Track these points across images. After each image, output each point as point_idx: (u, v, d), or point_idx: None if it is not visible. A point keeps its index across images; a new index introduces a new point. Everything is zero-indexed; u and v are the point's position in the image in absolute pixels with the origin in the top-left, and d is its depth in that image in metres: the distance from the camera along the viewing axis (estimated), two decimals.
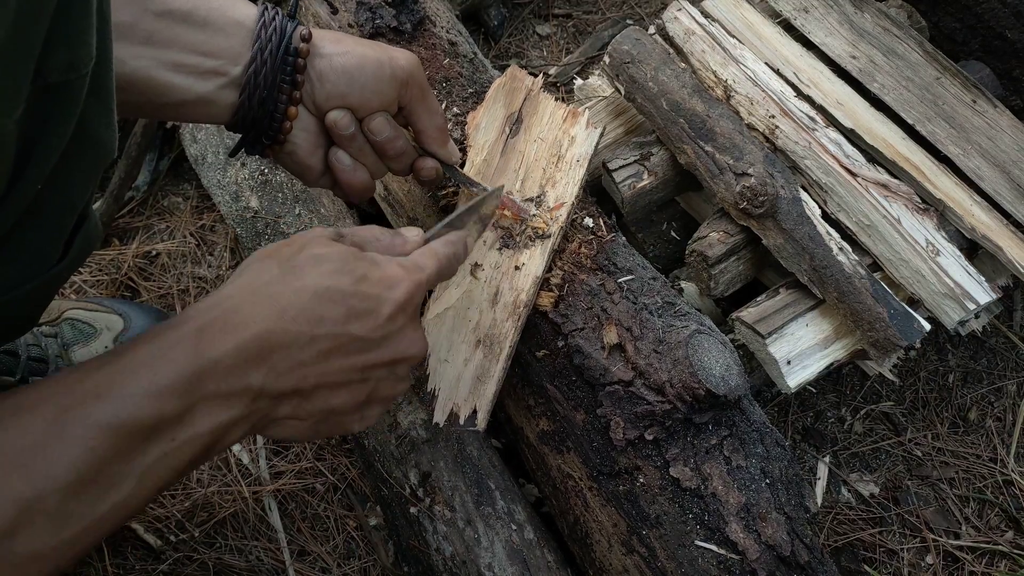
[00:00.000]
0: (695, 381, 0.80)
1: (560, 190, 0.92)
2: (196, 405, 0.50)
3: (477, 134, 0.98)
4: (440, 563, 0.94)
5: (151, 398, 0.48)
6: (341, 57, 0.73)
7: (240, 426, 0.53)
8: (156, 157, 1.42)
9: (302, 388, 0.56)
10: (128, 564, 1.05)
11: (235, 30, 0.69)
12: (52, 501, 0.44)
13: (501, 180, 0.94)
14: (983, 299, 1.00)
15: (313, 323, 0.55)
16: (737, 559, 0.80)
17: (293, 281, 0.56)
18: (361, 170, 0.78)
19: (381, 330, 0.59)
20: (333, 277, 0.57)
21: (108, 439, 0.46)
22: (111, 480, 0.47)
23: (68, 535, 0.45)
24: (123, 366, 0.49)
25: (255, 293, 0.55)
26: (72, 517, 0.45)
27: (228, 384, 0.51)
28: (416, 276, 0.62)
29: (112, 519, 0.48)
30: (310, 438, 0.62)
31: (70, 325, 1.09)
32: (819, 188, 1.06)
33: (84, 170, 0.53)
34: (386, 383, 0.63)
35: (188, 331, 0.52)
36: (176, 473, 0.50)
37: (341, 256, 0.59)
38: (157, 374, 0.49)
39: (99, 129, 0.52)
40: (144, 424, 0.48)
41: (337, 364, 0.57)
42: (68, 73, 0.45)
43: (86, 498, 0.46)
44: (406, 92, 0.76)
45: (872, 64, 1.18)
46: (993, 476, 1.19)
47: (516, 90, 1.00)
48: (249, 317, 0.53)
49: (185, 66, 0.67)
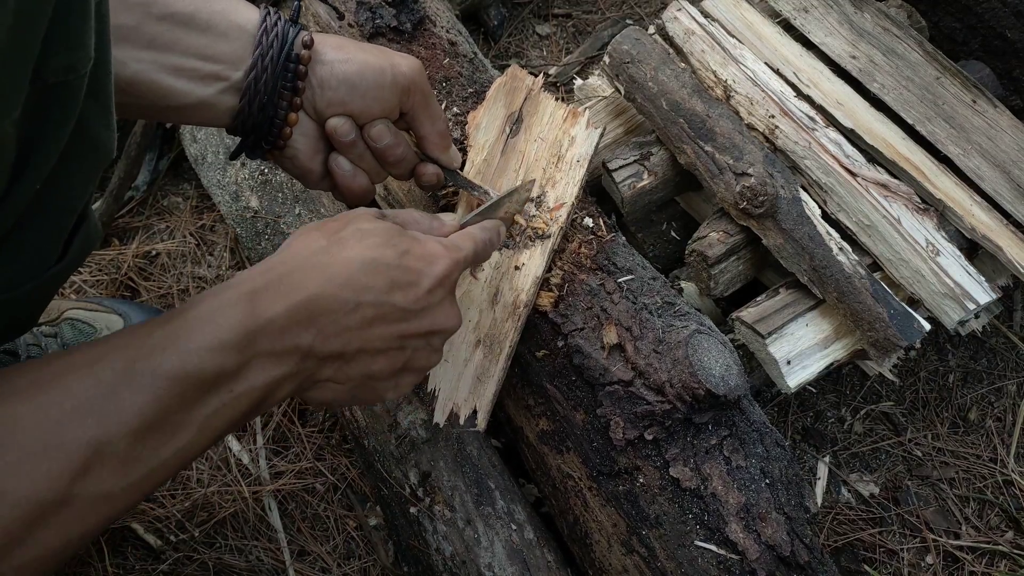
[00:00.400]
0: (695, 381, 0.80)
1: (560, 190, 0.92)
2: (252, 361, 0.53)
3: (477, 134, 0.98)
4: (440, 563, 0.94)
5: (212, 352, 0.51)
6: (343, 64, 0.73)
7: (289, 383, 0.57)
8: (156, 157, 1.42)
9: (346, 352, 0.59)
10: (128, 564, 1.05)
11: (237, 35, 0.69)
12: (122, 444, 0.47)
13: (502, 180, 0.94)
14: (983, 299, 1.00)
15: (359, 291, 0.59)
16: (737, 559, 0.80)
17: (340, 252, 0.60)
18: (361, 175, 0.79)
19: (421, 302, 0.62)
20: (378, 250, 0.61)
21: (173, 388, 0.49)
22: (175, 427, 0.50)
23: (135, 477, 0.48)
24: (186, 322, 0.52)
25: (304, 261, 0.59)
26: (139, 461, 0.48)
27: (281, 343, 0.55)
28: (455, 255, 0.66)
29: (173, 465, 0.51)
30: (347, 403, 0.65)
31: (70, 325, 1.09)
32: (819, 188, 1.06)
33: (83, 171, 0.54)
34: (421, 353, 0.66)
35: (243, 292, 0.55)
36: (231, 424, 0.54)
37: (386, 231, 0.63)
38: (217, 330, 0.52)
39: (98, 130, 0.52)
40: (206, 376, 0.51)
41: (378, 331, 0.61)
42: (67, 74, 0.46)
43: (152, 443, 0.49)
44: (408, 99, 0.76)
45: (872, 64, 1.18)
46: (993, 476, 1.19)
47: (516, 90, 1.00)
48: (300, 282, 0.57)
49: (186, 70, 0.67)
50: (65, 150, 0.49)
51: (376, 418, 1.05)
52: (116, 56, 0.63)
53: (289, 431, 1.17)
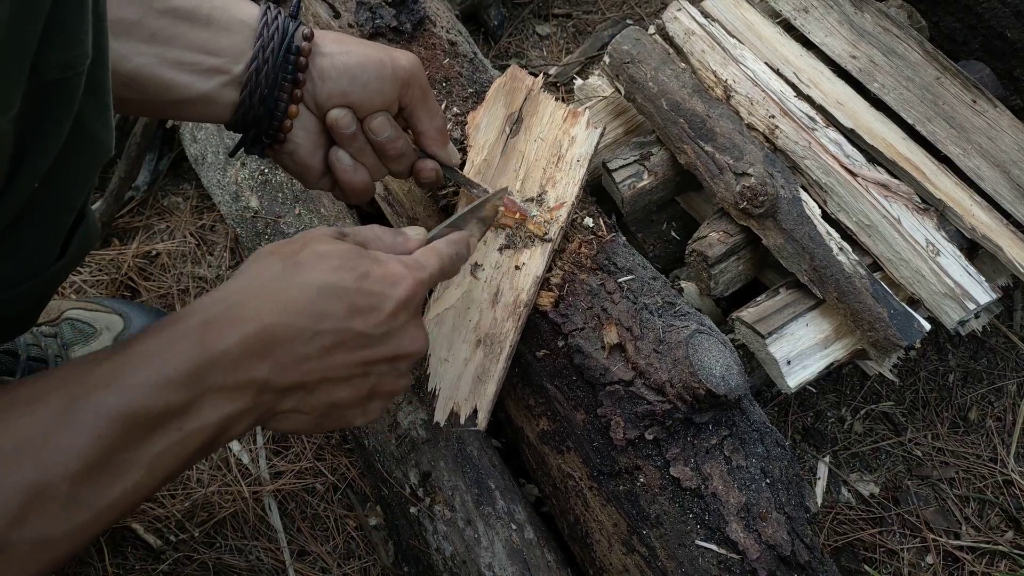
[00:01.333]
0: (695, 381, 0.80)
1: (560, 190, 0.92)
2: (203, 396, 0.51)
3: (477, 134, 0.98)
4: (440, 563, 0.94)
5: (158, 388, 0.49)
6: (343, 56, 0.73)
7: (246, 418, 0.54)
8: (156, 157, 1.42)
9: (306, 382, 0.57)
10: (128, 564, 1.05)
11: (238, 28, 0.69)
12: (62, 488, 0.45)
13: (501, 180, 0.94)
14: (983, 299, 1.00)
15: (316, 318, 0.56)
16: (737, 559, 0.80)
17: (296, 277, 0.57)
18: (361, 171, 0.79)
19: (383, 326, 0.60)
20: (336, 273, 0.58)
21: (116, 428, 0.47)
22: (120, 468, 0.48)
23: (78, 522, 0.46)
24: (130, 357, 0.50)
25: (259, 289, 0.56)
26: (82, 504, 0.46)
27: (234, 377, 0.52)
28: (418, 274, 0.63)
29: (121, 506, 0.49)
30: (313, 431, 0.63)
31: (70, 325, 1.09)
32: (819, 188, 1.06)
33: (82, 169, 0.53)
34: (388, 378, 0.64)
35: (193, 324, 0.53)
36: (184, 462, 0.51)
37: (344, 253, 0.60)
38: (164, 365, 0.50)
39: (96, 127, 0.52)
40: (152, 414, 0.49)
41: (340, 359, 0.58)
42: (64, 71, 0.46)
43: (95, 485, 0.47)
44: (407, 92, 0.76)
45: (872, 64, 1.18)
46: (993, 476, 1.19)
47: (516, 90, 1.00)
48: (253, 312, 0.54)
49: (187, 64, 0.67)
50: (63, 148, 0.49)
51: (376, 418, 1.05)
52: (118, 50, 0.63)
53: None
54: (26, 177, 0.47)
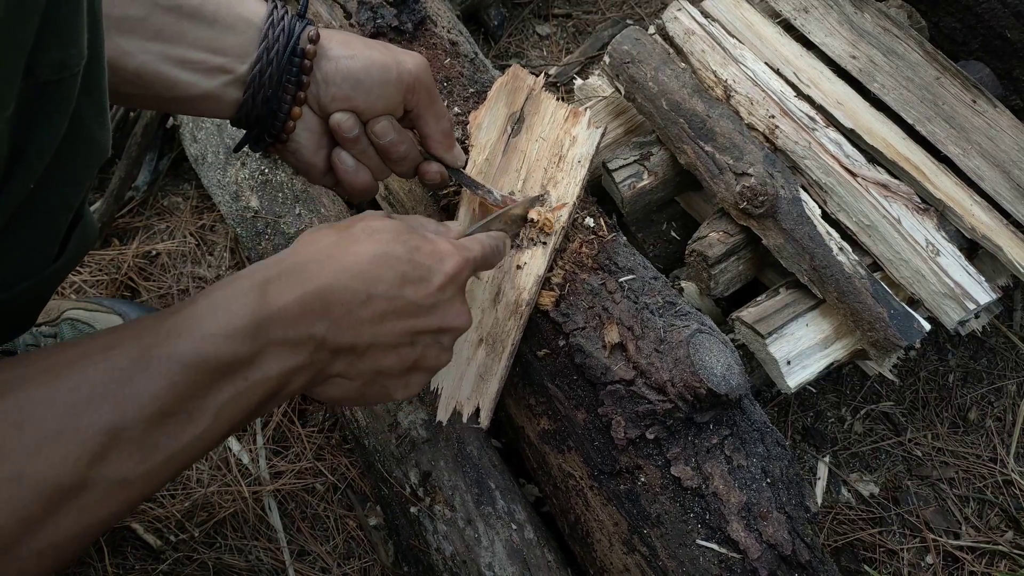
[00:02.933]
0: (696, 380, 0.80)
1: (562, 190, 0.92)
2: (265, 349, 0.53)
3: (479, 133, 0.98)
4: (440, 563, 0.94)
5: (226, 339, 0.51)
6: (348, 60, 0.73)
7: (303, 374, 0.57)
8: (156, 157, 1.42)
9: (357, 344, 0.59)
10: (128, 564, 1.05)
11: (243, 28, 0.69)
12: (138, 430, 0.47)
13: (503, 179, 0.94)
14: (983, 299, 1.00)
15: (370, 283, 0.59)
16: (738, 558, 0.80)
17: (351, 245, 0.60)
18: (364, 171, 0.79)
19: (432, 298, 0.63)
20: (389, 244, 0.61)
21: (188, 375, 0.49)
22: (190, 414, 0.50)
23: (152, 464, 0.48)
24: (198, 310, 0.52)
25: (317, 252, 0.59)
26: (156, 447, 0.48)
27: (294, 331, 0.55)
28: (465, 254, 0.66)
29: (190, 452, 0.50)
30: (357, 402, 0.65)
31: (70, 325, 1.08)
32: (819, 188, 1.06)
33: (78, 169, 0.54)
34: (432, 351, 0.66)
35: (255, 282, 0.55)
36: (247, 413, 0.53)
37: (396, 228, 0.63)
38: (232, 317, 0.52)
39: (93, 128, 0.52)
40: (220, 362, 0.51)
41: (390, 326, 0.61)
42: (60, 72, 0.46)
43: (168, 429, 0.49)
44: (412, 96, 0.76)
45: (872, 64, 1.18)
46: (993, 476, 1.19)
47: (518, 89, 1.00)
48: (312, 272, 0.57)
49: (192, 62, 0.67)
50: (60, 148, 0.49)
51: (376, 418, 1.05)
52: (123, 47, 0.63)
53: (289, 431, 1.17)
54: (22, 177, 0.47)
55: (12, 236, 0.51)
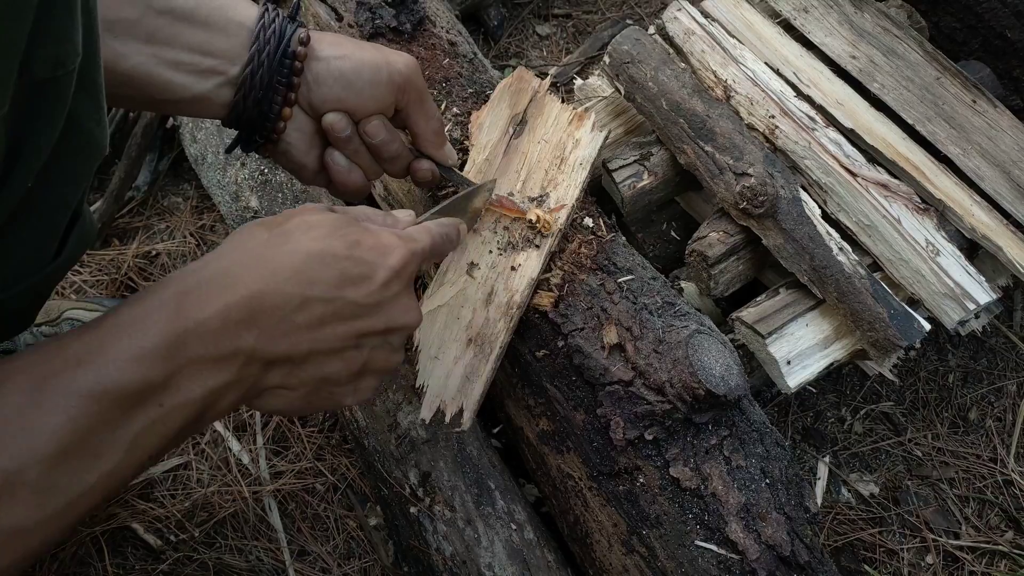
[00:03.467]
0: (695, 381, 0.80)
1: (561, 192, 0.92)
2: (183, 369, 0.49)
3: (480, 133, 0.98)
4: (440, 563, 0.94)
5: (134, 363, 0.47)
6: (338, 61, 0.73)
7: (231, 392, 0.52)
8: (156, 157, 1.42)
9: (294, 354, 0.55)
10: (128, 564, 1.05)
11: (235, 30, 0.70)
12: (34, 473, 0.43)
13: (503, 180, 0.94)
14: (983, 299, 1.00)
15: (306, 285, 0.54)
16: (737, 559, 0.80)
17: (284, 244, 0.55)
18: (356, 171, 0.79)
19: (375, 296, 0.58)
20: (326, 241, 0.56)
21: (91, 407, 0.45)
22: (97, 449, 0.45)
23: (52, 509, 0.44)
24: (103, 333, 0.48)
25: (243, 256, 0.54)
26: (57, 489, 0.44)
27: (216, 347, 0.50)
28: (410, 245, 0.61)
29: (101, 490, 0.46)
30: (302, 412, 0.60)
31: (70, 325, 1.09)
32: (819, 188, 1.06)
33: (76, 167, 0.53)
34: (380, 352, 0.61)
35: (170, 294, 0.50)
36: (167, 440, 0.49)
37: (334, 222, 0.58)
38: (140, 337, 0.47)
39: (90, 126, 0.52)
40: (129, 390, 0.46)
41: (330, 330, 0.56)
42: (55, 69, 0.45)
43: (70, 469, 0.44)
44: (403, 96, 0.76)
45: (872, 64, 1.18)
46: (993, 476, 1.19)
47: (522, 91, 1.00)
48: (238, 278, 0.52)
49: (184, 64, 0.68)
50: (57, 146, 0.49)
51: (376, 418, 1.05)
52: (117, 49, 0.63)
53: (289, 431, 1.17)
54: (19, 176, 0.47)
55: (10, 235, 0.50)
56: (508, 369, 0.95)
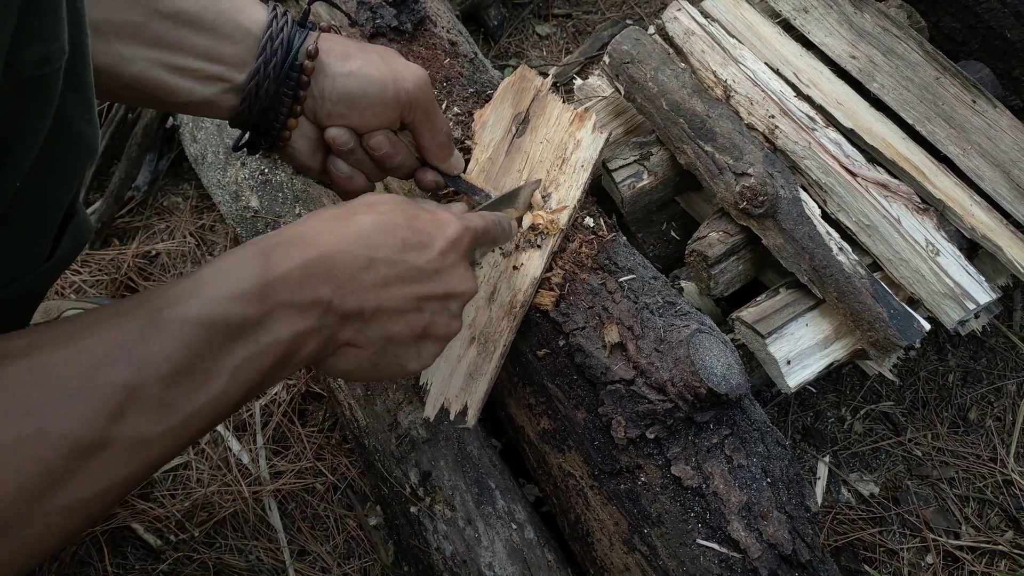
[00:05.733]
0: (696, 380, 0.80)
1: (563, 193, 0.92)
2: (274, 311, 0.54)
3: (484, 132, 0.98)
4: (440, 562, 0.94)
5: (235, 300, 0.52)
6: (345, 79, 0.73)
7: (313, 338, 0.57)
8: (156, 157, 1.42)
9: (364, 309, 0.60)
10: (128, 564, 1.05)
11: (242, 37, 0.69)
12: (154, 389, 0.47)
13: (506, 179, 0.94)
14: (983, 299, 1.00)
15: (372, 248, 0.60)
16: (739, 557, 0.80)
17: (351, 216, 0.62)
18: (359, 176, 0.80)
19: (434, 263, 0.64)
20: (388, 214, 0.63)
21: (200, 334, 0.50)
22: (206, 375, 0.50)
23: (171, 423, 0.48)
24: (205, 275, 0.53)
25: (318, 223, 0.61)
26: (173, 406, 0.48)
27: (300, 294, 0.56)
28: (464, 223, 0.67)
29: (208, 413, 0.51)
30: (370, 375, 0.66)
31: None
32: (819, 188, 1.06)
33: (67, 166, 0.53)
34: (440, 317, 0.66)
35: (260, 247, 0.56)
36: (262, 377, 0.54)
37: (395, 200, 0.65)
38: (238, 280, 0.53)
39: (79, 124, 0.52)
40: (231, 323, 0.51)
41: (395, 290, 0.61)
42: (42, 67, 0.45)
43: (184, 389, 0.49)
44: (409, 113, 0.77)
45: (872, 64, 1.18)
46: (993, 476, 1.19)
47: (525, 90, 1.00)
48: (313, 240, 0.58)
49: (190, 70, 0.68)
50: (46, 145, 0.49)
51: (376, 417, 1.05)
52: (122, 53, 0.64)
53: (289, 431, 1.17)
54: (8, 176, 0.47)
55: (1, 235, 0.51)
56: (509, 368, 0.95)
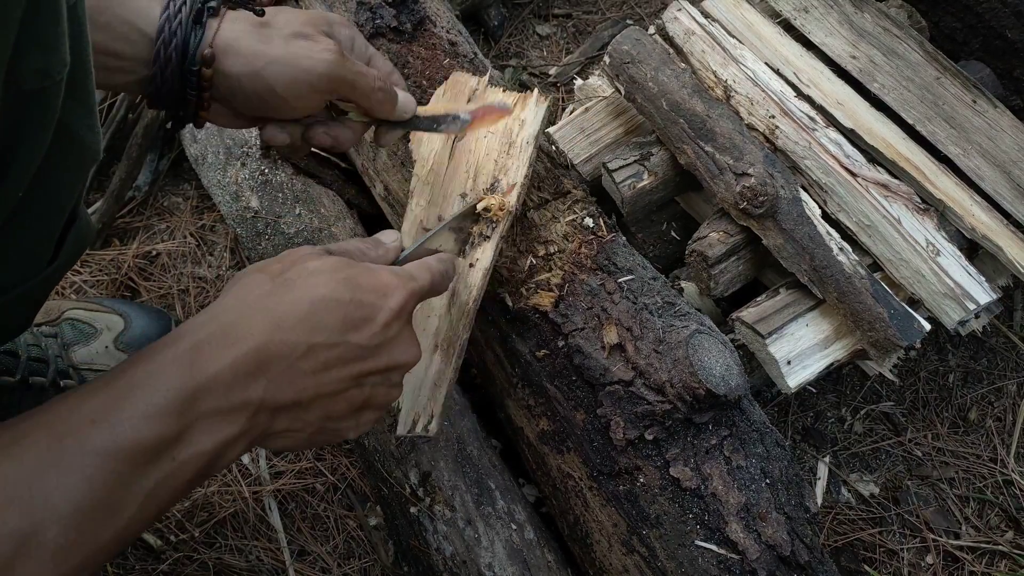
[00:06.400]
0: (695, 381, 0.80)
1: (511, 175, 0.89)
2: (195, 423, 0.49)
3: (420, 147, 0.95)
4: (440, 563, 0.94)
5: (149, 420, 0.47)
6: (251, 80, 0.68)
7: (241, 441, 0.53)
8: (156, 157, 1.42)
9: (301, 399, 0.55)
10: (128, 564, 1.05)
11: (136, 38, 0.66)
12: (51, 534, 0.42)
13: (452, 185, 0.91)
14: (983, 299, 1.00)
15: (310, 332, 0.55)
16: (737, 559, 0.80)
17: (287, 293, 0.56)
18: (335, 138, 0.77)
19: (377, 337, 0.59)
20: (328, 286, 0.57)
21: (107, 466, 0.45)
22: (112, 508, 0.45)
23: (69, 567, 0.44)
24: (118, 389, 0.48)
25: (249, 307, 0.55)
26: (72, 550, 0.44)
27: (227, 400, 0.51)
28: (410, 285, 0.62)
29: (114, 546, 0.46)
30: (307, 447, 0.61)
31: (70, 325, 1.09)
32: (819, 188, 1.06)
33: (69, 173, 0.53)
34: (381, 389, 0.62)
35: (183, 348, 0.51)
36: (178, 493, 0.49)
37: (333, 266, 0.59)
38: (154, 394, 0.48)
39: (81, 131, 0.52)
40: (144, 447, 0.46)
41: (335, 372, 0.57)
42: (43, 80, 0.45)
43: (86, 528, 0.44)
44: (333, 93, 0.73)
45: (872, 64, 1.18)
46: (993, 476, 1.19)
47: (459, 93, 0.98)
48: (245, 330, 0.53)
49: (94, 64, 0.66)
50: (49, 153, 0.49)
51: None
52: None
53: None
54: (11, 185, 0.47)
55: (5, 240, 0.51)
56: (508, 369, 0.95)
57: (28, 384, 0.96)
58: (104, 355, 1.07)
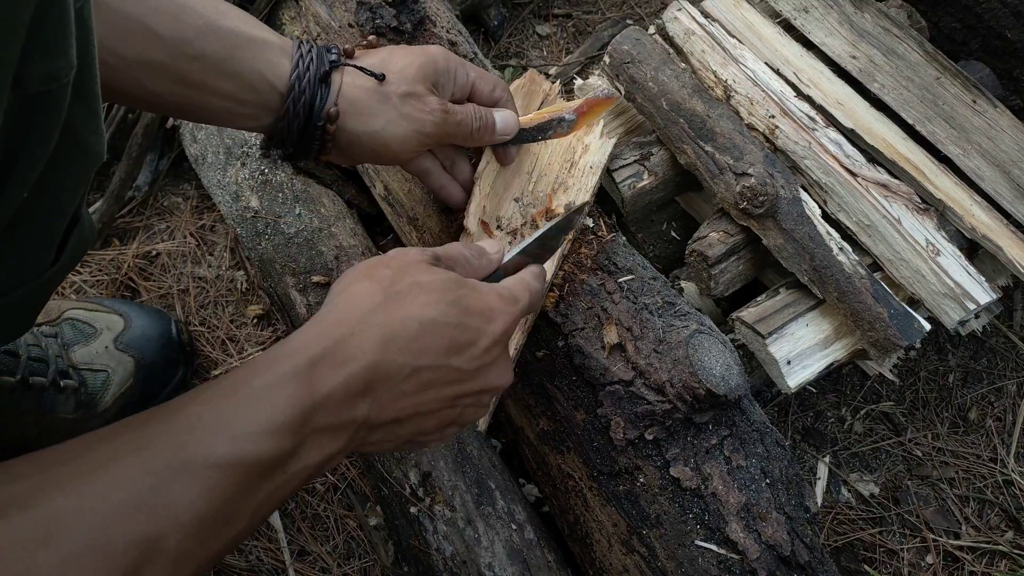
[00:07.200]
0: (695, 381, 0.80)
1: (572, 195, 0.93)
2: (308, 439, 0.51)
3: None
4: (440, 563, 0.94)
5: (268, 436, 0.48)
6: (369, 138, 0.75)
7: (341, 455, 0.54)
8: (157, 157, 1.42)
9: (399, 417, 0.57)
10: None
11: (265, 89, 0.71)
12: (172, 541, 0.44)
13: (515, 180, 0.94)
14: (983, 299, 1.00)
15: (417, 355, 0.56)
16: (737, 559, 0.80)
17: (398, 310, 0.57)
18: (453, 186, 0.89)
19: (477, 361, 0.60)
20: (437, 308, 0.58)
21: (229, 479, 0.46)
22: (228, 518, 0.47)
23: (184, 574, 0.45)
24: (240, 402, 0.49)
25: (361, 321, 0.56)
26: (190, 557, 0.45)
27: (337, 417, 0.52)
28: (513, 309, 0.64)
29: (223, 554, 0.48)
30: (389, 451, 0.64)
31: (70, 325, 1.09)
32: (819, 188, 1.06)
33: (73, 176, 0.53)
34: (471, 409, 0.64)
35: (301, 364, 0.52)
36: (280, 504, 0.51)
37: (444, 285, 0.60)
38: (274, 411, 0.49)
39: (86, 135, 0.52)
40: (263, 462, 0.48)
41: (434, 393, 0.59)
42: (49, 83, 0.45)
43: (204, 537, 0.45)
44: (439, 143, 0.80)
45: (872, 64, 1.18)
46: (993, 476, 1.19)
47: (534, 93, 1.00)
48: (358, 348, 0.54)
49: (217, 107, 0.70)
50: (53, 156, 0.49)
51: None
52: (149, 87, 0.66)
53: None
54: (15, 187, 0.47)
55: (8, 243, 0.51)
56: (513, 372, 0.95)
57: (28, 384, 0.97)
58: (104, 355, 1.07)
